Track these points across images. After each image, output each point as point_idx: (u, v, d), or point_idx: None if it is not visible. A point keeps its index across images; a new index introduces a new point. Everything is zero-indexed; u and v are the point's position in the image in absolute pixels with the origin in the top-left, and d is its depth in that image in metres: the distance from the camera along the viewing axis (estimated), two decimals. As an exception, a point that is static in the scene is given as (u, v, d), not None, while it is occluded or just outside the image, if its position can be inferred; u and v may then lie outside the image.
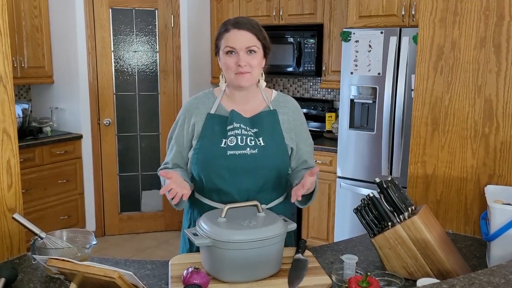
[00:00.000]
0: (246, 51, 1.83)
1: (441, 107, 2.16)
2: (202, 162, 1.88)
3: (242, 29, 1.83)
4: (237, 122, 1.88)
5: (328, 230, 4.41)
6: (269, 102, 1.96)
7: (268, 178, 1.89)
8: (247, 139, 1.86)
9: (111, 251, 4.70)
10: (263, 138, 1.88)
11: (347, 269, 1.58)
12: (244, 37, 1.83)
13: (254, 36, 1.84)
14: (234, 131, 1.87)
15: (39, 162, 4.50)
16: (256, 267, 1.58)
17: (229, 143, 1.85)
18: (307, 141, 2.02)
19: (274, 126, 1.92)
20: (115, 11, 4.80)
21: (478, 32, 2.04)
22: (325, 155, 4.34)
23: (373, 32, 3.80)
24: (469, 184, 2.13)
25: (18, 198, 1.88)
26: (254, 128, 1.89)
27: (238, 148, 1.85)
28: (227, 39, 1.83)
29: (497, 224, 1.67)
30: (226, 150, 1.84)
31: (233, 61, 1.83)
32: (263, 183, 1.88)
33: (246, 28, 1.84)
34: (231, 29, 1.84)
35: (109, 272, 1.36)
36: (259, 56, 1.87)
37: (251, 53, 1.84)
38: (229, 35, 1.84)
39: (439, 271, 1.57)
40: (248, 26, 1.84)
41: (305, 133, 2.02)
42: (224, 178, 1.86)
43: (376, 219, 1.67)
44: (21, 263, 1.79)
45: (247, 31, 1.83)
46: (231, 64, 1.83)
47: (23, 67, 4.58)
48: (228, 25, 1.86)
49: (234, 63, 1.83)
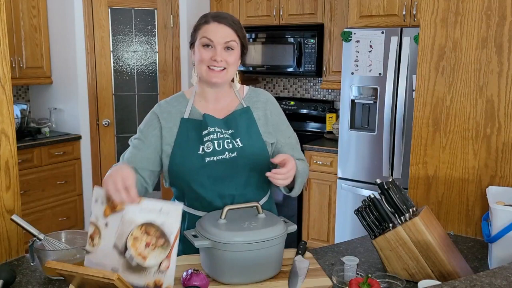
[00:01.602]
0: (224, 46, 1.76)
1: (443, 107, 2.15)
2: (181, 172, 1.80)
3: (222, 23, 1.77)
4: (211, 126, 1.80)
5: (329, 232, 4.40)
6: (241, 99, 1.89)
7: (250, 179, 1.84)
8: (224, 143, 1.79)
9: (110, 252, 4.67)
10: (240, 138, 1.81)
11: (347, 271, 1.57)
12: (224, 31, 1.76)
13: (234, 32, 1.78)
14: (210, 135, 1.79)
15: (38, 163, 4.48)
16: (256, 269, 1.57)
17: (206, 149, 1.78)
18: (285, 133, 1.94)
19: (249, 124, 1.85)
20: (114, 10, 4.79)
21: (480, 32, 2.03)
22: (325, 156, 4.33)
23: (374, 32, 3.79)
24: (471, 185, 2.12)
25: (16, 199, 1.88)
26: (229, 130, 1.82)
27: (216, 153, 1.77)
28: (206, 31, 1.77)
29: (499, 226, 1.66)
30: (204, 157, 1.77)
31: (208, 55, 1.76)
32: (245, 185, 1.84)
33: (226, 22, 1.77)
34: (211, 21, 1.78)
35: (108, 273, 1.35)
36: (236, 54, 1.80)
37: (228, 50, 1.77)
38: (208, 27, 1.77)
39: (440, 273, 1.56)
40: (228, 21, 1.78)
41: (282, 125, 1.94)
42: (204, 186, 1.80)
43: (377, 220, 1.66)
44: (20, 265, 1.78)
45: (227, 25, 1.77)
46: (205, 57, 1.76)
47: (21, 67, 4.57)
48: (208, 17, 1.80)
49: (209, 56, 1.76)
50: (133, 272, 1.47)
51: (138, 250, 1.45)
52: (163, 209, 1.46)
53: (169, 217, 1.46)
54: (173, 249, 1.45)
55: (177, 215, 1.46)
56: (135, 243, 1.46)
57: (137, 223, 1.46)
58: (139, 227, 1.46)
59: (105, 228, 1.51)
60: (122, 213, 1.48)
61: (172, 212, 1.46)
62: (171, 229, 1.46)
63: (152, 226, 1.46)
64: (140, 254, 1.45)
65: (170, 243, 1.46)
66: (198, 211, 1.84)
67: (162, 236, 1.45)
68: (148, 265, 1.45)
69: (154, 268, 1.45)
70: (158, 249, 1.45)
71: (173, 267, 1.47)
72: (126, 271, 1.47)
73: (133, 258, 1.46)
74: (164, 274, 1.46)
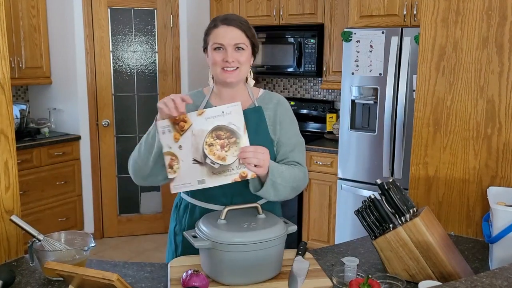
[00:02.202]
0: (234, 47, 1.82)
1: (443, 108, 2.15)
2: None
3: (231, 25, 1.83)
4: None
5: (329, 232, 4.40)
6: (254, 100, 1.93)
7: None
8: None
9: (109, 254, 4.68)
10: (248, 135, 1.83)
11: (348, 272, 1.57)
12: (233, 33, 1.82)
13: (242, 33, 1.84)
14: None
15: (37, 163, 4.48)
16: (256, 269, 1.56)
17: None
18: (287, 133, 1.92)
19: (259, 123, 1.88)
20: (113, 10, 4.78)
21: (481, 32, 2.03)
22: (326, 156, 4.33)
23: (374, 32, 3.79)
24: (471, 185, 2.12)
25: (15, 199, 1.88)
26: None
27: None
28: (216, 35, 1.83)
29: (499, 226, 1.66)
30: None
31: (220, 57, 1.82)
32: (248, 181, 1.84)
33: (235, 24, 1.83)
34: (219, 25, 1.83)
35: (107, 274, 1.35)
36: (247, 53, 1.86)
37: (239, 50, 1.83)
38: (217, 31, 1.83)
39: (441, 274, 1.56)
40: (237, 22, 1.84)
41: (287, 125, 1.94)
42: None
43: (378, 221, 1.66)
44: (19, 266, 1.78)
45: (236, 27, 1.83)
46: (218, 59, 1.82)
47: (20, 68, 4.56)
48: (217, 21, 1.86)
49: (221, 59, 1.82)
50: (219, 175, 1.65)
51: (216, 154, 1.63)
52: (225, 110, 1.63)
53: (232, 115, 1.63)
54: (245, 141, 1.64)
55: (239, 111, 1.63)
56: (212, 149, 1.63)
57: (207, 131, 1.63)
58: (209, 134, 1.63)
59: (180, 150, 1.66)
60: (191, 128, 1.64)
61: (233, 110, 1.63)
62: (238, 125, 1.64)
63: (221, 129, 1.63)
64: (219, 157, 1.63)
65: (241, 137, 1.64)
66: (201, 202, 1.88)
67: (232, 134, 1.63)
68: (229, 163, 1.64)
69: (235, 164, 1.64)
70: (233, 146, 1.63)
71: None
72: (211, 176, 1.65)
73: (214, 162, 1.63)
74: (244, 166, 1.65)
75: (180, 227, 1.95)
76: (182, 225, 1.94)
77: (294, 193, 1.86)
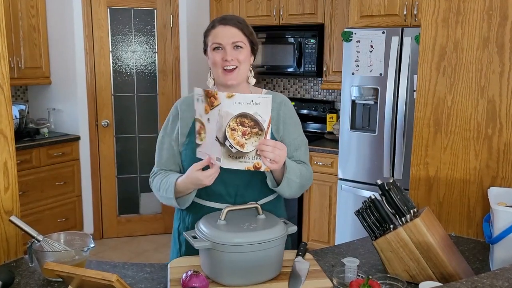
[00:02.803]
0: (233, 46, 1.83)
1: (444, 108, 2.14)
2: (190, 158, 1.86)
3: (228, 24, 1.84)
4: None
5: (329, 233, 4.39)
6: None
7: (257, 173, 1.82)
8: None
9: (109, 254, 4.68)
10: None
11: (348, 272, 1.57)
12: (230, 32, 1.84)
13: (240, 31, 1.85)
14: None
15: (36, 163, 4.47)
16: (256, 270, 1.56)
17: None
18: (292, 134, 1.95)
19: None
20: (113, 10, 4.78)
21: (481, 32, 2.02)
22: (326, 156, 4.32)
23: (374, 32, 3.79)
24: (472, 186, 2.11)
25: (15, 200, 1.87)
26: None
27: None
28: (214, 36, 1.85)
29: (500, 227, 1.66)
30: None
31: (219, 57, 1.83)
32: (252, 179, 1.86)
33: (232, 23, 1.85)
34: (217, 25, 1.86)
35: (107, 275, 1.35)
36: (246, 52, 1.87)
37: (237, 48, 1.84)
38: (215, 31, 1.85)
39: (441, 275, 1.56)
40: (234, 21, 1.85)
41: (291, 126, 1.97)
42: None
43: (378, 221, 1.66)
44: (18, 266, 1.78)
45: (233, 26, 1.84)
46: (217, 59, 1.84)
47: (20, 68, 4.55)
48: (215, 22, 1.88)
49: (220, 58, 1.83)
50: (234, 159, 1.65)
51: (236, 139, 1.63)
52: (254, 100, 1.61)
53: (260, 107, 1.60)
54: (267, 135, 1.63)
55: (267, 105, 1.61)
56: (233, 134, 1.63)
57: (232, 115, 1.61)
58: (234, 119, 1.62)
59: (207, 123, 1.69)
60: (219, 107, 1.63)
61: (262, 102, 1.60)
62: (263, 118, 1.62)
63: (246, 117, 1.61)
64: (238, 143, 1.63)
65: (264, 130, 1.63)
66: (205, 201, 1.88)
67: (256, 125, 1.62)
68: (247, 151, 1.64)
69: (252, 153, 1.64)
70: (254, 136, 1.63)
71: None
72: (227, 159, 1.65)
73: (233, 146, 1.63)
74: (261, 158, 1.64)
75: (184, 225, 1.95)
76: (186, 224, 1.94)
77: (301, 191, 1.89)
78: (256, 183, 1.88)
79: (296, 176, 1.81)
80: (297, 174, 1.82)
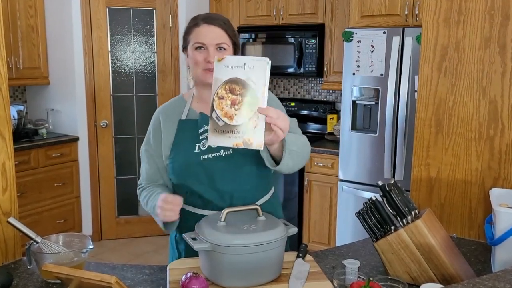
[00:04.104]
0: (216, 47, 1.78)
1: (445, 108, 2.14)
2: (179, 171, 1.82)
3: (213, 24, 1.79)
4: (206, 125, 1.76)
5: (330, 234, 4.39)
6: None
7: (249, 176, 1.82)
8: None
9: (108, 256, 4.67)
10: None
11: (349, 274, 1.56)
12: (215, 32, 1.78)
13: (224, 32, 1.80)
14: (205, 134, 1.79)
15: (35, 165, 4.47)
16: (256, 272, 1.55)
17: (202, 147, 1.79)
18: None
19: None
20: (112, 10, 4.77)
21: (483, 32, 2.02)
22: (326, 157, 4.32)
23: (375, 32, 3.78)
24: (474, 187, 2.11)
25: (13, 201, 1.87)
26: None
27: (211, 151, 1.78)
28: (197, 34, 1.79)
29: (502, 228, 1.65)
30: (200, 155, 1.78)
31: (202, 57, 1.78)
32: (244, 183, 1.82)
33: (217, 23, 1.79)
34: (201, 23, 1.80)
35: (106, 277, 1.34)
36: (228, 53, 1.80)
37: (220, 50, 1.78)
38: (199, 30, 1.80)
39: (443, 276, 1.55)
40: (219, 22, 1.80)
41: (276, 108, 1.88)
42: (203, 183, 1.80)
43: (379, 223, 1.65)
44: (16, 268, 1.77)
45: (217, 27, 1.79)
46: (199, 59, 1.78)
47: (18, 68, 4.55)
48: (198, 19, 1.82)
49: (203, 59, 1.77)
50: (220, 134, 1.47)
51: (224, 109, 1.44)
52: (247, 63, 1.44)
53: (254, 71, 1.43)
54: (261, 104, 1.44)
55: (263, 68, 1.43)
56: (221, 103, 1.45)
57: (221, 81, 1.45)
58: (223, 85, 1.45)
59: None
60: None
61: (257, 66, 1.43)
62: (257, 83, 1.44)
63: (236, 82, 1.44)
64: (227, 114, 1.44)
65: (258, 98, 1.43)
66: (199, 209, 1.84)
67: (247, 92, 1.44)
68: (236, 124, 1.45)
69: (242, 127, 1.45)
70: (245, 106, 1.43)
71: (262, 125, 1.45)
72: (214, 134, 1.47)
73: (219, 118, 1.45)
74: (253, 132, 1.45)
75: (181, 236, 1.91)
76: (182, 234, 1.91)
77: (303, 162, 1.79)
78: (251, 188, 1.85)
79: (296, 146, 1.70)
80: (296, 143, 1.71)
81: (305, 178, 4.43)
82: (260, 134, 1.47)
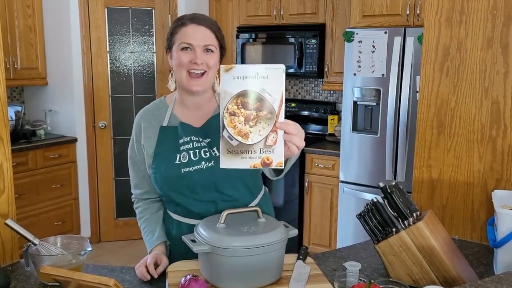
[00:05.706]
0: (204, 49, 1.70)
1: (447, 109, 2.13)
2: (161, 182, 1.78)
3: (201, 25, 1.71)
4: (186, 136, 1.75)
5: (331, 236, 4.38)
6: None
7: (235, 187, 1.78)
8: (200, 152, 1.74)
9: (106, 258, 4.66)
10: (217, 147, 1.71)
11: (350, 277, 1.55)
12: (203, 33, 1.70)
13: (213, 34, 1.73)
14: (185, 145, 1.75)
15: (33, 166, 4.45)
16: (256, 274, 1.54)
17: (182, 159, 1.73)
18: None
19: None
20: (110, 10, 4.77)
21: (485, 32, 2.01)
22: (327, 159, 4.31)
23: (376, 32, 3.77)
24: (476, 188, 2.10)
25: (10, 203, 1.86)
26: (207, 138, 1.76)
27: (192, 164, 1.73)
28: (184, 34, 1.70)
29: (504, 230, 1.65)
30: (181, 168, 1.73)
31: (187, 58, 1.69)
32: (229, 193, 1.77)
33: (205, 24, 1.72)
34: (188, 23, 1.71)
35: (104, 279, 1.34)
36: (216, 57, 1.74)
37: (208, 52, 1.71)
38: (186, 30, 1.71)
39: (445, 279, 1.54)
40: (207, 22, 1.73)
41: None
42: (186, 196, 1.76)
43: (380, 225, 1.64)
44: (14, 270, 1.77)
45: (206, 28, 1.71)
46: (185, 60, 1.69)
47: (16, 68, 4.54)
48: (185, 19, 1.73)
49: (188, 60, 1.69)
50: (235, 155, 1.30)
51: (238, 127, 1.28)
52: (260, 72, 1.27)
53: (269, 81, 1.27)
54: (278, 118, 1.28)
55: (279, 78, 1.28)
56: (233, 120, 1.29)
57: (231, 94, 1.28)
58: (233, 99, 1.28)
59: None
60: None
61: (272, 75, 1.28)
62: (273, 95, 1.27)
63: (249, 96, 1.28)
64: (240, 132, 1.28)
65: (274, 112, 1.28)
66: (187, 218, 1.81)
67: (263, 106, 1.28)
68: (252, 142, 1.29)
69: (260, 145, 1.30)
70: (261, 122, 1.28)
71: (281, 141, 1.31)
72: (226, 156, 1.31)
73: (232, 138, 1.29)
74: (272, 149, 1.30)
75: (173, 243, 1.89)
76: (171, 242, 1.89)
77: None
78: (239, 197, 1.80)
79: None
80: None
81: (306, 179, 4.42)
82: (279, 151, 1.32)
